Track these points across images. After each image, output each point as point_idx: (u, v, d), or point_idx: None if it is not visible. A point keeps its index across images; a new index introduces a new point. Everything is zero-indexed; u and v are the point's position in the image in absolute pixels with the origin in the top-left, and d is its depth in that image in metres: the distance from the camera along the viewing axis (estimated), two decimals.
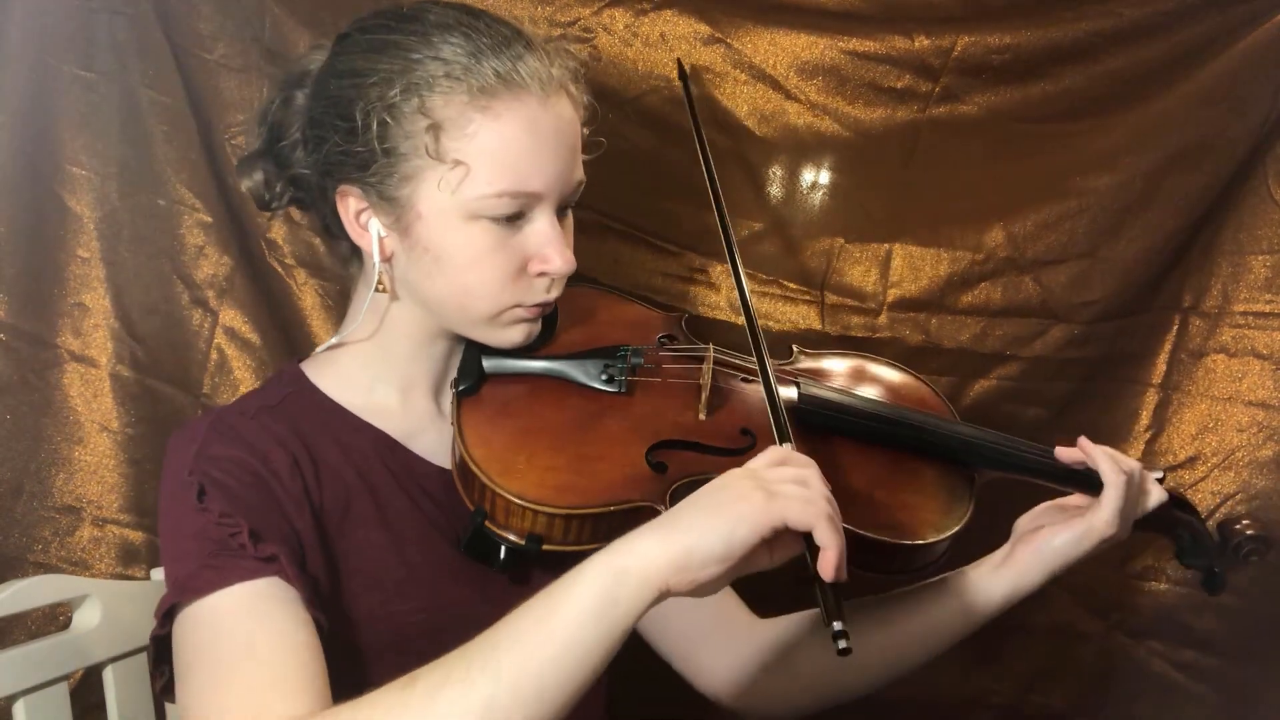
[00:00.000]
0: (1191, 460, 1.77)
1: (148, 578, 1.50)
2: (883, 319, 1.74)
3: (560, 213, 1.21)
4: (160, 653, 1.11)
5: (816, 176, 1.73)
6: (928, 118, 1.71)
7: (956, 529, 1.25)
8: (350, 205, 1.18)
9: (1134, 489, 1.28)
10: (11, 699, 1.22)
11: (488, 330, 1.23)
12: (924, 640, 1.35)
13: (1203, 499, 1.76)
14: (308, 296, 1.70)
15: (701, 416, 1.25)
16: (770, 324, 1.74)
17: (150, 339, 1.64)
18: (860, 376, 1.46)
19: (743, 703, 1.43)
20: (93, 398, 1.62)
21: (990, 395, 1.77)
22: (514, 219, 1.16)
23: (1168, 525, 1.37)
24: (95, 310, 1.62)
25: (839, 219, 1.74)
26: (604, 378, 1.25)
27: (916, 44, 1.68)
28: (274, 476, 1.14)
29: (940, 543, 1.24)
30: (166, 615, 1.08)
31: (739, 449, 1.22)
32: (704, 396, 1.26)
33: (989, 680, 1.88)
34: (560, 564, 1.19)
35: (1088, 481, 1.29)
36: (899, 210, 1.74)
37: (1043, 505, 1.36)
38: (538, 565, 1.22)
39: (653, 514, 1.10)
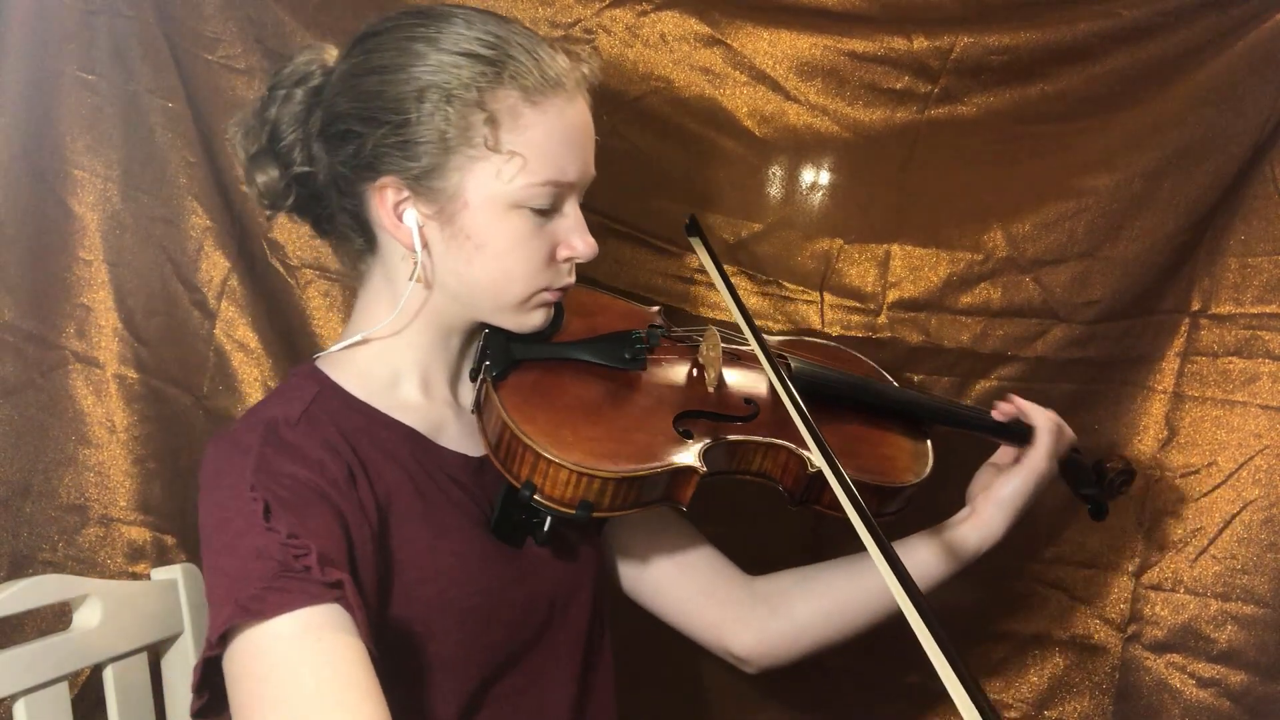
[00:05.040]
0: (1209, 466, 1.76)
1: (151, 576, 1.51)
2: (882, 319, 1.74)
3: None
4: (207, 674, 1.07)
5: (816, 177, 1.73)
6: (926, 119, 1.71)
7: (926, 474, 1.45)
8: (389, 197, 1.23)
9: (1058, 431, 1.49)
10: (12, 699, 1.23)
11: (514, 315, 1.29)
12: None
13: (1223, 505, 1.75)
14: (311, 297, 1.70)
15: (710, 390, 1.38)
16: (770, 324, 1.74)
17: (153, 340, 1.65)
18: (811, 349, 1.61)
19: (750, 649, 1.52)
20: (98, 398, 1.63)
21: (992, 395, 1.75)
22: (549, 208, 1.24)
23: (1066, 466, 1.55)
24: (99, 312, 1.63)
25: (838, 220, 1.74)
26: (626, 357, 1.34)
27: (915, 45, 1.68)
28: (334, 487, 1.15)
29: (914, 486, 1.43)
30: (222, 636, 1.04)
31: (746, 416, 1.37)
32: (712, 372, 1.39)
33: (1002, 695, 1.86)
34: (595, 531, 1.39)
35: (1012, 434, 1.51)
36: (898, 211, 1.73)
37: (981, 469, 1.53)
38: (575, 536, 1.37)
39: (690, 473, 1.25)
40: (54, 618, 1.54)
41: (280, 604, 1.03)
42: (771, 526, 1.70)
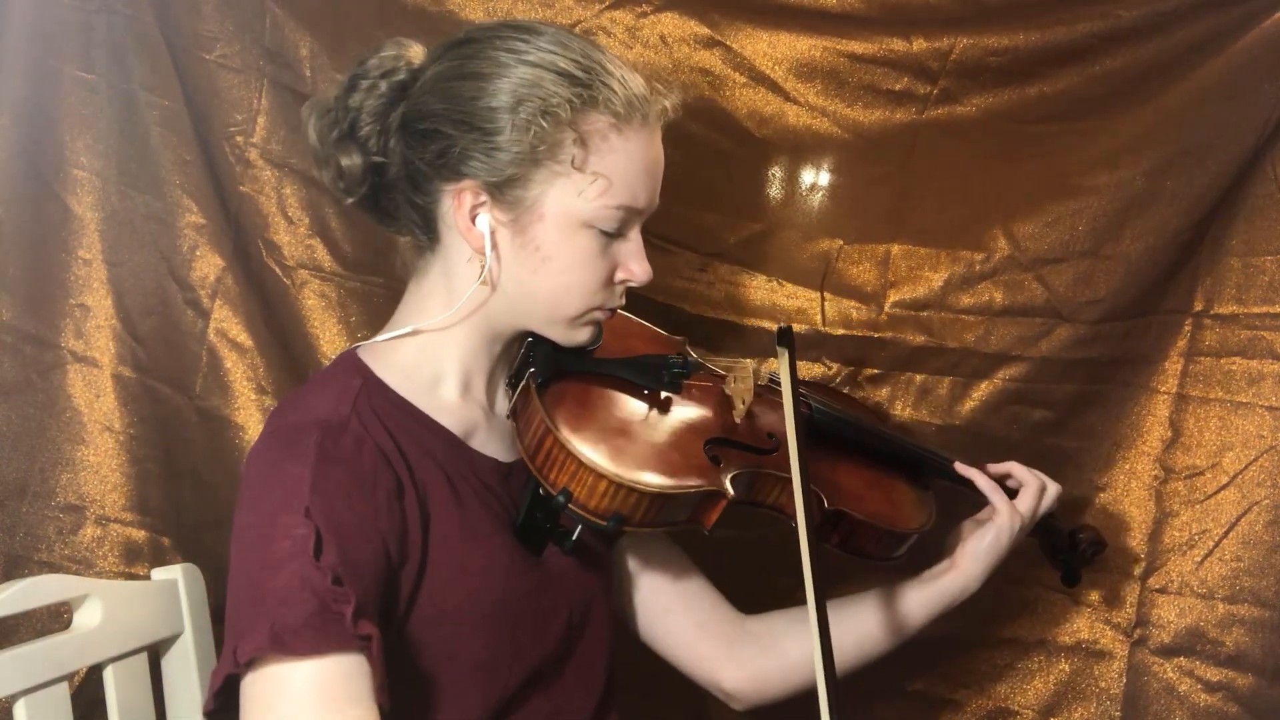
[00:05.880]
0: (1213, 467, 1.75)
1: (149, 577, 1.50)
2: (884, 319, 1.73)
3: None
4: (227, 686, 1.08)
5: (815, 178, 1.73)
6: (926, 119, 1.70)
7: (930, 524, 1.49)
8: (466, 200, 1.25)
9: (1039, 490, 1.54)
10: (12, 699, 1.22)
11: (566, 329, 1.32)
12: (894, 630, 1.51)
13: (1228, 507, 1.74)
14: (306, 297, 1.70)
15: (738, 420, 1.40)
16: (769, 326, 1.73)
17: (150, 340, 1.65)
18: (831, 396, 1.65)
19: (739, 686, 1.55)
20: (95, 398, 1.63)
21: (995, 396, 1.76)
22: (615, 231, 1.28)
23: (1042, 529, 1.60)
24: (97, 311, 1.63)
25: (838, 220, 1.73)
26: (665, 380, 1.36)
27: (914, 46, 1.68)
28: (384, 511, 1.16)
29: (919, 533, 1.48)
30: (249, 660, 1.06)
31: (768, 449, 1.39)
32: (740, 405, 1.40)
33: (1006, 702, 1.85)
34: (608, 550, 1.47)
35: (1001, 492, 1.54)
36: (898, 211, 1.73)
37: (963, 524, 1.56)
38: (591, 554, 1.39)
39: (719, 497, 1.28)
40: (50, 618, 1.54)
41: (313, 645, 1.04)
42: (781, 530, 1.69)
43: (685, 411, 1.38)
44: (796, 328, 1.73)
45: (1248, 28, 1.66)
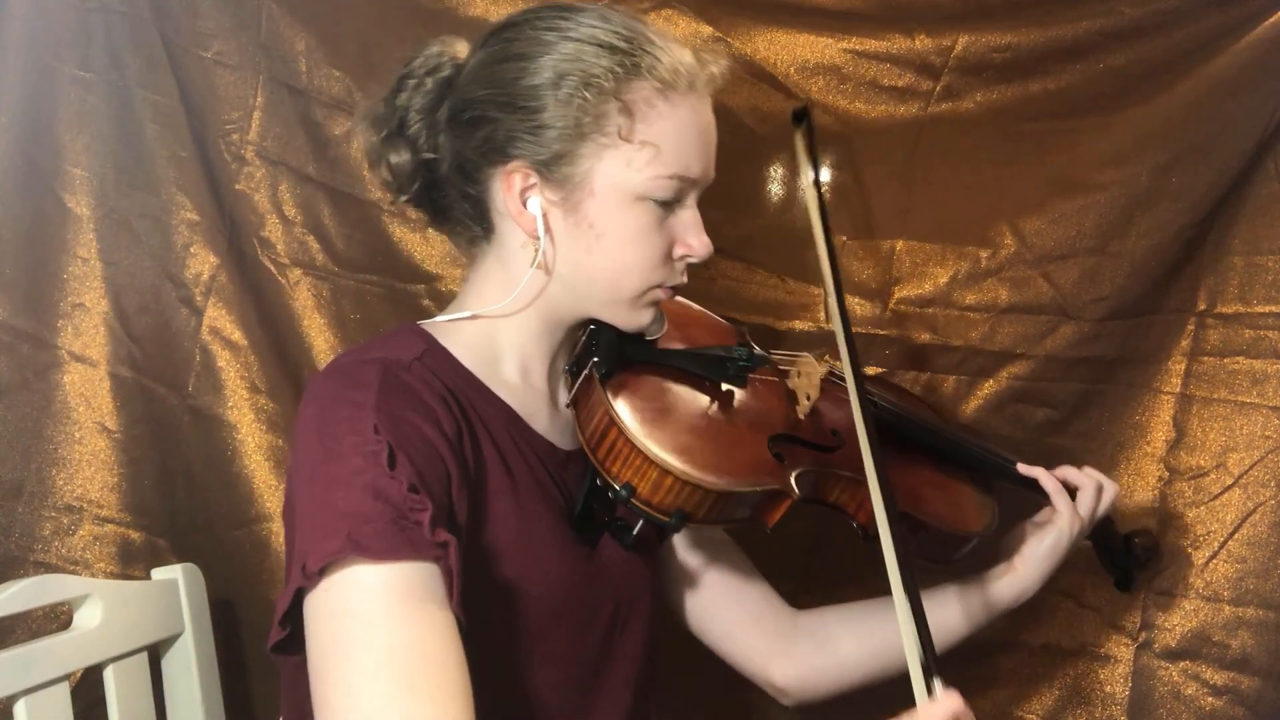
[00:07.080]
0: (1218, 468, 1.74)
1: (147, 577, 1.50)
2: (888, 316, 1.73)
3: None
4: (294, 606, 1.06)
5: (818, 174, 1.72)
6: (929, 116, 1.70)
7: (993, 526, 1.47)
8: (516, 182, 1.24)
9: (1097, 491, 1.50)
10: (12, 699, 1.23)
11: (627, 311, 1.29)
12: (950, 630, 1.48)
13: (1232, 508, 1.73)
14: (300, 295, 1.69)
15: (801, 417, 1.38)
16: (772, 322, 1.74)
17: (146, 339, 1.65)
18: (888, 389, 1.61)
19: (791, 681, 1.54)
20: (92, 398, 1.62)
21: (999, 395, 1.76)
22: (671, 203, 1.25)
23: (1098, 533, 1.56)
24: (94, 311, 1.63)
25: (841, 217, 1.73)
26: (731, 373, 1.32)
27: (917, 43, 1.68)
28: (445, 443, 1.14)
29: (980, 535, 1.45)
30: (320, 569, 1.02)
31: (832, 447, 1.37)
32: (805, 400, 1.40)
33: (1011, 707, 1.84)
34: (659, 544, 1.45)
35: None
36: (902, 208, 1.73)
37: (1019, 525, 1.51)
38: (644, 548, 1.37)
39: (784, 496, 1.25)
40: (45, 619, 1.54)
41: (392, 549, 1.02)
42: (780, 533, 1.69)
43: (749, 406, 1.35)
44: (799, 326, 1.74)
45: (1250, 26, 1.66)
